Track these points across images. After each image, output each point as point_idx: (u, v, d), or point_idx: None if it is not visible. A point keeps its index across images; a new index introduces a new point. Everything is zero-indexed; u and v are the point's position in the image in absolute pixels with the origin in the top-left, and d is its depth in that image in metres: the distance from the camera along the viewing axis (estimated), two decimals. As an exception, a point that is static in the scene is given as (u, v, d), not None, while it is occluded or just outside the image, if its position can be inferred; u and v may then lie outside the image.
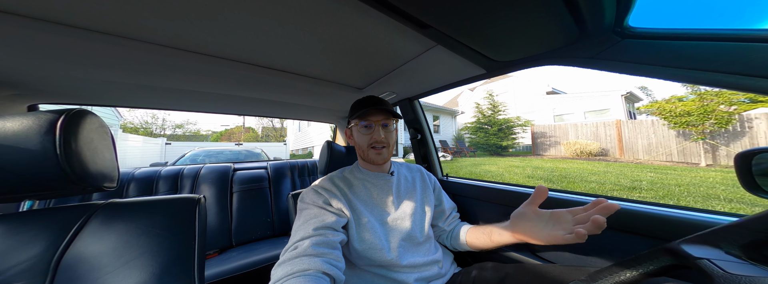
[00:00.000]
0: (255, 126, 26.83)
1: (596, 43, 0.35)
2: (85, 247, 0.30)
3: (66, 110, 0.31)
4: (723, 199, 2.30)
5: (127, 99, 0.79)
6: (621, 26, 0.32)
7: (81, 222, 0.32)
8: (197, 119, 33.17)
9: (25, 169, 0.29)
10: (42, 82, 0.59)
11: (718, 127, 5.02)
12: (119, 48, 0.44)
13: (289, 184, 1.24)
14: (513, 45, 0.42)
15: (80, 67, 0.52)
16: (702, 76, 0.28)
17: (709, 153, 5.20)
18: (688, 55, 0.29)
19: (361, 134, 0.53)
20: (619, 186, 2.96)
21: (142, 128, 18.44)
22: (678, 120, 5.42)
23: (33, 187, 0.30)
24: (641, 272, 0.27)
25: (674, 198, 2.41)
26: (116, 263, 0.30)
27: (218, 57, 0.52)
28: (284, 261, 0.36)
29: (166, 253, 0.32)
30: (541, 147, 8.62)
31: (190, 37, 0.44)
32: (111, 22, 0.38)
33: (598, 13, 0.30)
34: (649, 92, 23.92)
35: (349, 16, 0.39)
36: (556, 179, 3.49)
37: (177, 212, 0.36)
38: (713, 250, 0.24)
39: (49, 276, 0.29)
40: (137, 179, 0.97)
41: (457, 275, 0.53)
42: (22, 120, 0.29)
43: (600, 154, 7.01)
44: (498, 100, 10.09)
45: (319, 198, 0.48)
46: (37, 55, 0.45)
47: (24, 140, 0.28)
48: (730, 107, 5.08)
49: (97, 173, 0.33)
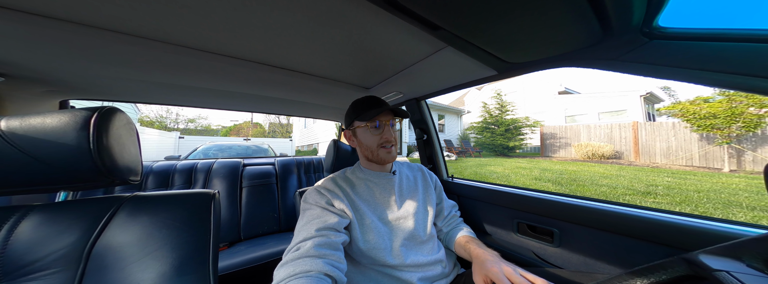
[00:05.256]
0: (262, 122, 27.43)
1: (621, 44, 0.33)
2: (114, 237, 0.32)
3: (98, 107, 0.33)
4: (745, 207, 2.17)
5: (148, 95, 0.83)
6: (650, 27, 0.30)
7: (110, 213, 0.34)
8: (208, 114, 34.26)
9: (61, 162, 0.31)
10: (74, 80, 0.63)
11: (745, 130, 4.70)
12: (144, 48, 0.47)
13: (295, 180, 1.26)
14: (528, 46, 0.40)
15: (109, 66, 0.55)
16: (737, 80, 0.26)
17: (734, 158, 4.89)
18: (723, 57, 0.27)
19: (370, 135, 0.53)
20: (631, 191, 2.84)
21: (158, 121, 19.24)
22: (702, 123, 5.09)
23: (68, 179, 0.32)
24: (654, 281, 0.26)
25: (692, 205, 2.29)
26: (140, 253, 0.32)
27: (234, 57, 0.54)
28: (287, 261, 0.37)
29: (185, 245, 0.34)
30: (550, 149, 8.37)
31: (209, 38, 0.45)
32: (138, 25, 0.41)
33: (626, 12, 0.28)
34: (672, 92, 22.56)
35: (360, 18, 0.39)
36: (565, 182, 3.38)
37: (194, 206, 0.38)
38: (734, 262, 0.23)
39: (83, 263, 0.31)
40: (155, 172, 1.02)
41: (460, 276, 0.52)
42: (60, 117, 0.31)
43: (613, 157, 6.73)
44: (506, 99, 9.80)
45: (322, 199, 0.48)
46: (72, 56, 0.49)
47: (61, 136, 0.30)
48: (760, 110, 4.73)
49: (124, 167, 0.35)
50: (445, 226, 0.61)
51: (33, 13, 0.36)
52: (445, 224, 0.61)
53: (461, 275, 0.53)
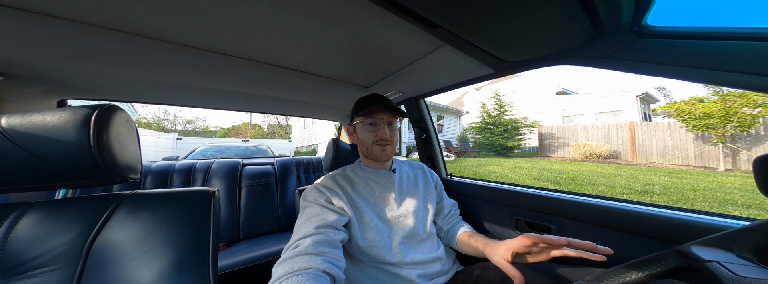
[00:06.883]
0: (261, 123, 27.32)
1: (612, 42, 0.34)
2: (113, 234, 0.32)
3: (99, 105, 0.33)
4: (741, 205, 2.20)
5: (146, 95, 0.83)
6: (639, 25, 0.31)
7: (110, 211, 0.34)
8: (206, 115, 34.13)
9: (62, 159, 0.31)
10: (72, 79, 0.63)
11: (740, 130, 4.76)
12: (143, 47, 0.47)
13: (294, 180, 1.26)
14: (524, 45, 0.41)
15: (107, 65, 0.54)
16: (723, 76, 0.27)
17: (729, 157, 4.94)
18: (710, 54, 0.28)
19: (366, 131, 0.53)
20: (629, 190, 2.86)
21: (155, 123, 19.09)
22: (697, 122, 5.16)
23: (68, 176, 0.32)
24: (648, 273, 0.27)
25: (688, 203, 2.31)
26: (140, 250, 0.32)
27: (233, 55, 0.54)
28: (285, 259, 0.36)
29: (185, 243, 0.34)
30: (548, 149, 8.42)
31: (208, 36, 0.45)
32: (137, 23, 0.41)
33: (616, 11, 0.29)
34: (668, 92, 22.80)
35: (359, 17, 0.39)
36: (563, 182, 3.40)
37: (194, 204, 0.38)
38: (725, 253, 0.23)
39: (82, 260, 0.31)
40: (154, 171, 1.02)
41: (459, 273, 0.53)
42: (60, 114, 0.31)
43: (610, 156, 6.78)
44: (505, 100, 9.85)
45: (322, 196, 0.48)
46: (70, 54, 0.48)
47: (62, 133, 0.31)
48: (753, 110, 4.79)
49: (124, 165, 0.35)
50: (445, 224, 0.61)
51: (32, 11, 0.36)
52: (445, 222, 0.61)
53: (460, 272, 0.53)
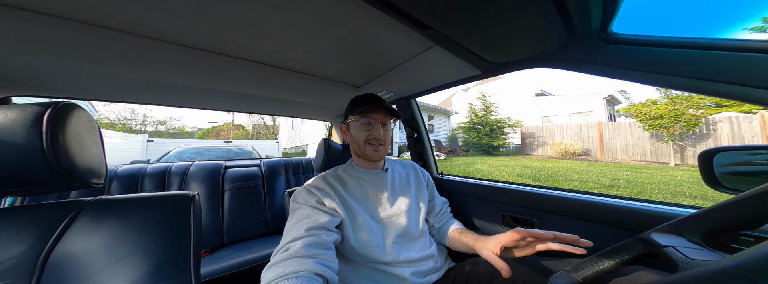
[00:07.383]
0: (245, 123, 25.87)
1: (583, 47, 0.37)
2: (74, 244, 0.29)
3: (52, 103, 0.29)
4: (688, 196, 2.51)
5: (110, 93, 0.74)
6: (605, 32, 0.34)
7: (69, 219, 0.31)
8: (182, 115, 31.46)
9: (8, 163, 0.27)
10: (14, 73, 0.55)
11: (686, 129, 5.44)
12: (103, 39, 0.42)
13: (283, 182, 1.22)
14: (508, 47, 0.44)
15: (59, 58, 0.48)
16: (676, 81, 0.31)
17: (678, 154, 5.63)
18: (664, 61, 0.31)
19: (359, 130, 0.53)
20: (599, 185, 3.15)
21: (121, 123, 17.26)
22: (652, 122, 5.81)
23: (15, 182, 0.28)
24: (618, 261, 0.30)
25: (647, 195, 2.60)
26: (108, 260, 0.29)
27: (212, 52, 0.51)
28: (275, 262, 0.35)
29: (161, 251, 0.32)
30: (529, 147, 8.94)
31: (182, 30, 0.42)
32: (94, 12, 0.36)
33: (586, 18, 0.32)
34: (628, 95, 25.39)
35: (351, 16, 0.39)
36: (543, 178, 3.64)
37: (171, 209, 0.35)
38: (678, 239, 0.27)
39: (37, 274, 0.27)
40: (120, 176, 0.92)
41: (451, 270, 0.54)
42: (5, 112, 0.27)
43: (583, 154, 7.38)
44: (490, 101, 10.31)
45: (312, 198, 0.47)
46: (10, 44, 0.42)
47: (8, 134, 0.27)
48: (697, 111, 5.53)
49: (84, 169, 0.32)
50: (436, 222, 0.62)
51: None
52: (436, 220, 0.63)
53: (452, 268, 0.55)
